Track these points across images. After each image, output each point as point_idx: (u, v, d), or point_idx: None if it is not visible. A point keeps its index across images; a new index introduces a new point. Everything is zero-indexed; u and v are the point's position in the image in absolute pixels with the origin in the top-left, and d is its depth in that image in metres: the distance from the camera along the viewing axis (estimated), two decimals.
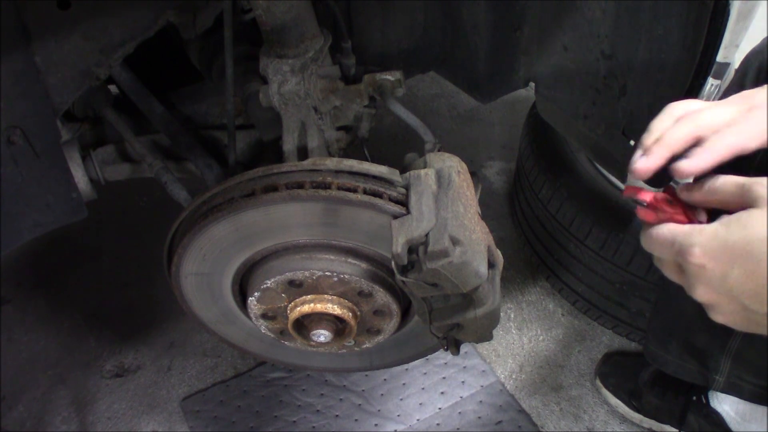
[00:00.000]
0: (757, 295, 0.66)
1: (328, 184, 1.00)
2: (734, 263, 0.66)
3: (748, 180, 0.70)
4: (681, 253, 0.70)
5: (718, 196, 0.73)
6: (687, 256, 0.69)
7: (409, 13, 1.41)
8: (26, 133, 0.99)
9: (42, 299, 2.04)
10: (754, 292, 0.66)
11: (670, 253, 0.72)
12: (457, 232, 0.91)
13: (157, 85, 1.35)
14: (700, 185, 0.75)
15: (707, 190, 0.74)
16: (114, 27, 1.01)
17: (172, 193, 1.24)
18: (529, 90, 1.56)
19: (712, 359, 1.42)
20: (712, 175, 0.74)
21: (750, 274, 0.65)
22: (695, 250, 0.68)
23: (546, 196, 1.81)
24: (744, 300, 0.67)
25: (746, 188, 0.69)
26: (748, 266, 0.65)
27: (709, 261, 0.67)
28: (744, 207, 0.69)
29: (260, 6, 1.05)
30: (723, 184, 0.73)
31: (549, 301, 2.01)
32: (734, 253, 0.66)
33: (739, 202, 0.70)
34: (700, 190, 0.75)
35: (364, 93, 1.19)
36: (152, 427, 1.74)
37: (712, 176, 0.74)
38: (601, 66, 1.23)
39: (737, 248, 0.66)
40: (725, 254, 0.66)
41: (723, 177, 0.73)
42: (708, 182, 0.74)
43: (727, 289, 0.67)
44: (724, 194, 0.72)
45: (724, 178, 0.73)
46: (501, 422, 1.73)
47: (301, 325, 1.16)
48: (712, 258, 0.67)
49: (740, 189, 0.70)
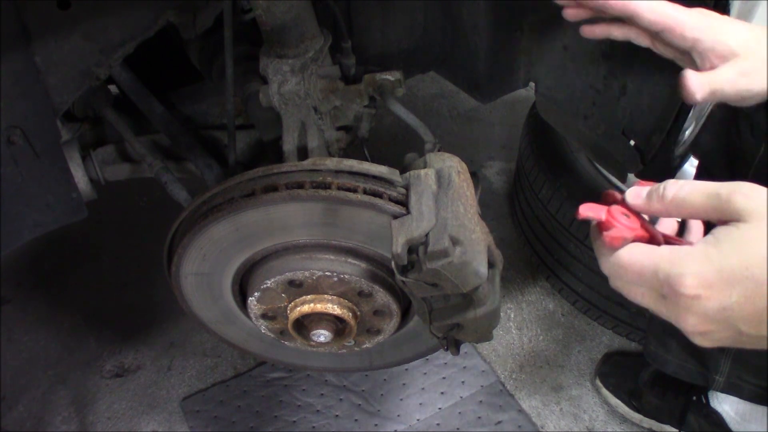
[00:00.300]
0: (755, 319, 0.59)
1: (328, 184, 1.00)
2: (733, 289, 0.58)
3: (724, 189, 0.60)
4: (668, 284, 0.61)
5: (687, 209, 0.64)
6: (678, 287, 0.60)
7: (409, 13, 1.41)
8: (26, 133, 0.99)
9: (42, 299, 2.04)
10: (752, 316, 0.59)
11: (653, 283, 0.63)
12: (457, 232, 0.91)
13: (157, 85, 1.35)
14: (660, 195, 0.65)
15: (671, 202, 0.64)
16: (114, 27, 1.01)
17: (172, 193, 1.24)
18: (529, 90, 1.56)
19: (712, 359, 1.42)
20: (673, 181, 0.65)
21: (749, 299, 0.58)
22: (687, 280, 0.60)
23: (546, 196, 1.81)
24: (740, 326, 0.61)
25: (723, 199, 0.60)
26: (747, 291, 0.58)
27: (705, 290, 0.59)
28: (723, 220, 0.61)
29: (260, 6, 1.05)
30: (690, 194, 0.63)
31: (549, 301, 2.01)
32: (732, 279, 0.58)
33: (714, 216, 0.62)
34: (662, 202, 0.65)
35: (364, 93, 1.19)
36: (152, 427, 1.74)
37: (674, 182, 0.65)
38: (601, 66, 1.23)
39: (736, 273, 0.58)
40: (722, 281, 0.59)
41: (688, 185, 0.63)
42: (671, 190, 0.64)
43: (725, 317, 0.60)
44: (693, 207, 0.63)
45: (691, 186, 0.63)
46: (501, 422, 1.73)
47: (301, 325, 1.16)
48: (707, 286, 0.59)
49: (715, 200, 0.61)
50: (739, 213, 0.59)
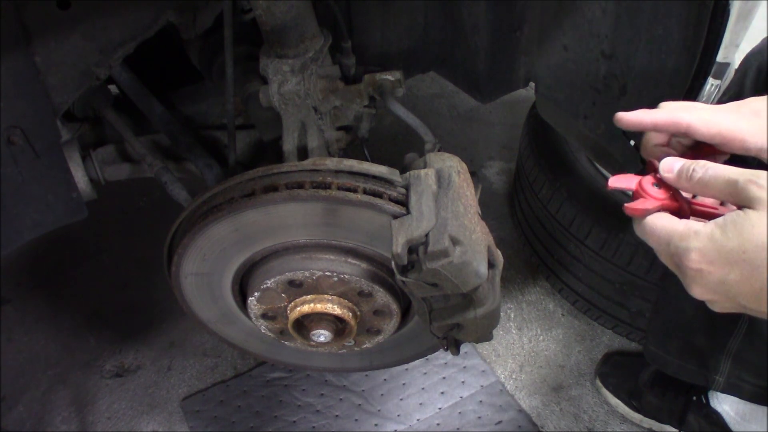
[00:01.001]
0: (754, 297, 0.66)
1: (328, 184, 1.00)
2: (731, 268, 0.65)
3: (742, 176, 0.66)
4: (677, 255, 0.69)
5: (710, 191, 0.70)
6: (684, 260, 0.68)
7: (409, 13, 1.41)
8: (26, 133, 0.99)
9: (42, 299, 2.04)
10: (751, 294, 0.66)
11: (666, 252, 0.71)
12: (457, 232, 0.91)
13: (157, 85, 1.35)
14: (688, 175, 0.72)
15: (697, 182, 0.71)
16: (114, 27, 1.01)
17: (172, 193, 1.24)
18: (529, 90, 1.56)
19: (712, 359, 1.42)
20: (703, 162, 0.71)
21: (747, 279, 0.65)
22: (692, 255, 0.67)
23: (546, 196, 1.80)
24: (741, 301, 0.67)
25: (740, 186, 0.66)
26: (744, 272, 0.64)
27: (706, 265, 0.66)
28: (738, 205, 0.67)
29: (260, 6, 1.05)
30: (714, 178, 0.69)
31: (549, 301, 2.01)
32: (730, 259, 0.65)
33: (732, 200, 0.68)
34: (690, 181, 0.72)
35: (364, 93, 1.19)
36: (152, 427, 1.74)
37: (703, 164, 0.71)
38: (601, 66, 1.23)
39: (733, 254, 0.64)
40: (721, 259, 0.65)
41: (713, 168, 0.69)
42: (698, 172, 0.71)
43: (725, 290, 0.67)
44: (715, 189, 0.69)
45: (715, 169, 0.69)
46: (501, 422, 1.73)
47: (301, 325, 1.16)
48: (709, 262, 0.66)
49: (732, 187, 0.67)
50: (750, 200, 0.65)
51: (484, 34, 1.33)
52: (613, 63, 1.20)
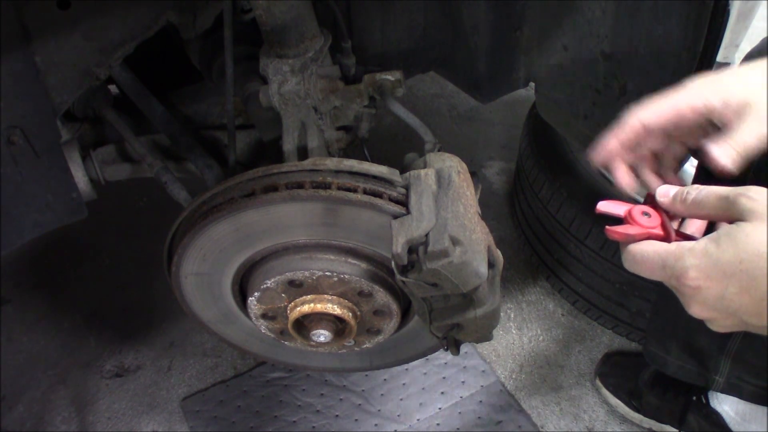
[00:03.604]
0: (754, 310, 0.65)
1: (328, 184, 1.00)
2: (729, 281, 0.64)
3: (732, 191, 0.67)
4: (675, 277, 0.68)
5: (703, 211, 0.71)
6: (682, 279, 0.67)
7: (409, 14, 1.41)
8: (26, 133, 0.99)
9: (42, 299, 2.04)
10: (751, 307, 0.65)
11: (662, 276, 0.70)
12: (457, 232, 0.91)
13: (157, 85, 1.35)
14: (683, 197, 0.73)
15: (691, 203, 0.72)
16: (114, 27, 1.01)
17: (172, 193, 1.24)
18: (529, 90, 1.56)
19: (712, 360, 1.42)
20: (696, 185, 0.72)
21: (745, 291, 0.64)
22: (690, 272, 0.66)
23: (546, 196, 1.80)
24: (741, 315, 0.66)
25: (731, 200, 0.66)
26: (743, 283, 0.64)
27: (704, 282, 0.66)
28: (731, 220, 0.66)
29: (260, 6, 1.05)
30: (706, 197, 0.70)
31: (549, 301, 2.01)
32: (728, 272, 0.64)
33: (725, 216, 0.68)
34: (684, 204, 0.73)
35: (364, 93, 1.19)
36: (152, 427, 1.74)
37: (696, 186, 0.72)
38: (601, 66, 1.23)
39: (730, 266, 0.64)
40: (719, 273, 0.65)
41: (706, 189, 0.70)
42: (692, 194, 0.72)
43: (725, 306, 0.66)
44: (708, 208, 0.70)
45: (707, 190, 0.70)
46: (501, 422, 1.73)
47: (301, 325, 1.16)
48: (707, 278, 0.65)
49: (725, 202, 0.67)
50: (742, 213, 0.65)
51: (484, 34, 1.33)
52: (613, 63, 1.20)
